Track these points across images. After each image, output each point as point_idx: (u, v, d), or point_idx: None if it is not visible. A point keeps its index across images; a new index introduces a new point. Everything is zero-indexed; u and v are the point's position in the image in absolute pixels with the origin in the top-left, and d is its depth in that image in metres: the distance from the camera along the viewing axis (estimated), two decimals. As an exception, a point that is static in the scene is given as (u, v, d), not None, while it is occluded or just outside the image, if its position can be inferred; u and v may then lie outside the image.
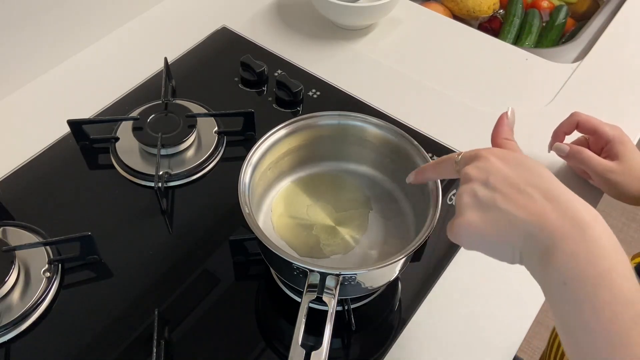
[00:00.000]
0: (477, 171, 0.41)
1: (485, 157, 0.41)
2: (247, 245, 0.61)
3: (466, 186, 0.41)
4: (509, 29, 1.03)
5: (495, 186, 0.39)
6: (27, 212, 0.65)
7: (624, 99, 0.81)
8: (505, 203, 0.38)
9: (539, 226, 0.36)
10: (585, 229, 0.35)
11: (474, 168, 0.41)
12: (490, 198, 0.39)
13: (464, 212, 0.40)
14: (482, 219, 0.39)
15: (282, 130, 0.58)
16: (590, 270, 0.34)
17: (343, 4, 0.83)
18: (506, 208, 0.38)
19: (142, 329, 0.57)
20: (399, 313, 0.59)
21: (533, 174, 0.39)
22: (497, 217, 0.38)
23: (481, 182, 0.40)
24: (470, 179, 0.41)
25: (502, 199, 0.38)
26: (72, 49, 0.84)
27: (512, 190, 0.38)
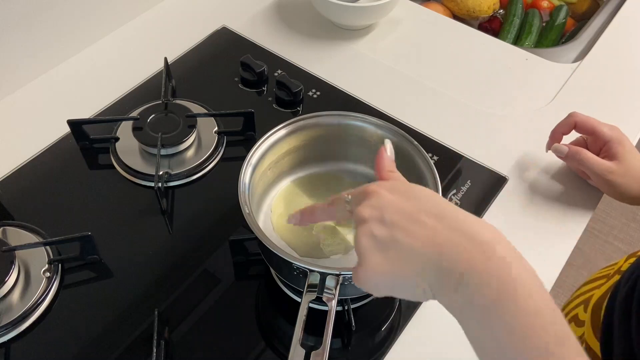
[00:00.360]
0: (370, 210, 0.39)
1: (375, 193, 0.39)
2: (247, 245, 0.61)
3: (362, 228, 0.38)
4: (509, 29, 1.03)
5: (392, 221, 0.37)
6: (27, 212, 0.65)
7: (623, 99, 0.81)
8: (403, 237, 0.36)
9: (438, 253, 0.35)
10: (485, 248, 0.34)
11: (366, 207, 0.39)
12: (389, 235, 0.37)
13: (365, 257, 0.38)
14: (384, 260, 0.37)
15: (282, 130, 0.58)
16: (495, 287, 0.33)
17: (343, 4, 0.83)
18: (405, 242, 0.36)
19: (142, 329, 0.57)
20: (399, 313, 0.59)
21: (424, 201, 0.38)
22: (398, 254, 0.36)
23: (376, 220, 0.38)
24: (365, 219, 0.38)
25: (400, 233, 0.36)
26: (72, 49, 0.84)
27: (407, 223, 0.37)
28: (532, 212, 0.68)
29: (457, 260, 0.34)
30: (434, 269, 0.35)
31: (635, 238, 1.73)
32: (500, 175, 0.71)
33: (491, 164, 0.72)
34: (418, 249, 0.36)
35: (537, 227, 0.67)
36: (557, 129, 0.69)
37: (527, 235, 0.66)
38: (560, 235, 0.66)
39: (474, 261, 0.34)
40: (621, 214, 1.79)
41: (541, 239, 0.65)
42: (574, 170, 0.70)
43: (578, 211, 0.68)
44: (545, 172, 0.72)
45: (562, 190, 0.70)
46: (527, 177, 0.71)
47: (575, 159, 0.65)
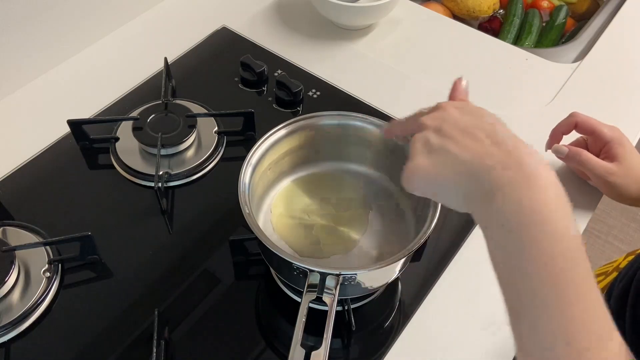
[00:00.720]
0: (432, 120, 0.42)
1: (442, 107, 0.43)
2: (247, 245, 0.61)
3: (420, 134, 0.42)
4: (509, 29, 1.03)
5: (447, 132, 0.40)
6: (27, 212, 0.65)
7: (623, 99, 0.81)
8: (453, 146, 0.39)
9: (484, 168, 0.37)
10: (531, 177, 0.35)
11: (430, 117, 0.43)
12: (440, 143, 0.40)
13: (414, 157, 0.41)
14: (430, 163, 0.40)
15: (282, 130, 0.58)
16: (532, 217, 0.34)
17: (343, 4, 0.83)
18: (453, 151, 0.39)
19: (142, 329, 0.57)
20: (399, 313, 0.59)
21: (485, 121, 0.40)
22: (444, 159, 0.39)
23: (434, 129, 0.41)
24: (425, 127, 0.42)
25: (451, 142, 0.39)
26: (72, 49, 0.84)
27: (461, 134, 0.39)
28: (532, 212, 0.68)
29: (496, 179, 0.36)
30: (472, 179, 0.37)
31: (635, 238, 1.73)
32: (500, 175, 0.71)
33: (491, 164, 0.72)
34: (461, 158, 0.38)
35: (537, 227, 0.66)
36: (558, 128, 0.68)
37: (527, 235, 0.66)
38: (560, 235, 0.66)
39: (514, 185, 0.35)
40: (621, 214, 1.79)
41: (541, 239, 0.65)
42: (574, 171, 0.70)
43: (578, 211, 0.68)
44: (545, 172, 0.72)
45: (562, 190, 0.70)
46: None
47: (575, 160, 0.65)
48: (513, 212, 0.35)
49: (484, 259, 0.63)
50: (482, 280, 0.62)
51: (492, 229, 0.36)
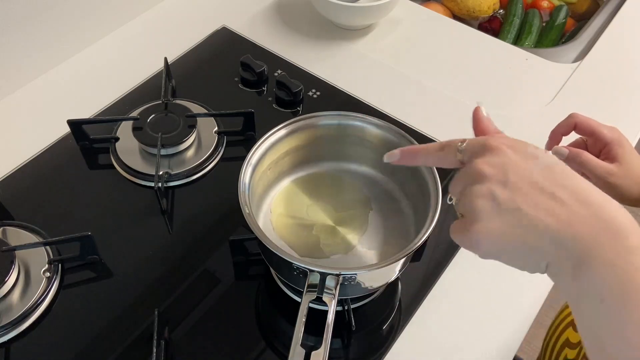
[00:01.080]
0: (492, 168, 0.36)
1: (497, 149, 0.36)
2: (247, 245, 0.61)
3: (481, 186, 0.35)
4: (509, 29, 1.03)
5: (517, 186, 0.34)
6: (27, 212, 0.65)
7: (623, 99, 0.81)
8: (530, 207, 0.33)
9: (571, 234, 0.32)
10: (622, 237, 0.31)
11: (486, 163, 0.36)
12: (512, 201, 0.34)
13: (482, 218, 0.35)
14: (504, 226, 0.34)
15: (282, 130, 0.58)
16: (630, 284, 0.30)
17: (343, 4, 0.83)
18: (532, 213, 0.33)
19: (142, 329, 0.57)
20: (399, 313, 0.59)
21: (556, 172, 0.34)
22: (522, 223, 0.34)
23: (499, 181, 0.35)
24: (485, 176, 0.35)
25: (526, 202, 0.34)
26: (72, 49, 0.85)
27: (536, 192, 0.34)
28: (532, 212, 0.68)
29: (586, 246, 0.32)
30: (559, 248, 0.33)
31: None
32: (500, 175, 0.71)
33: (491, 164, 0.72)
34: (544, 223, 0.33)
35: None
36: (557, 129, 0.68)
37: (527, 235, 0.66)
38: (560, 235, 0.66)
39: (602, 249, 0.31)
40: (621, 214, 1.79)
41: (541, 239, 0.65)
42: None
43: (578, 211, 0.68)
44: (545, 172, 0.72)
45: (562, 190, 0.70)
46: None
47: (575, 161, 0.65)
48: (613, 283, 0.30)
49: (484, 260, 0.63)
50: (482, 280, 0.62)
51: (586, 303, 0.32)
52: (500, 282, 0.62)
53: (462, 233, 0.37)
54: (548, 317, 1.66)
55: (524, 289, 0.61)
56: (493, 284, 0.62)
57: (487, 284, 0.62)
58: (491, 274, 0.62)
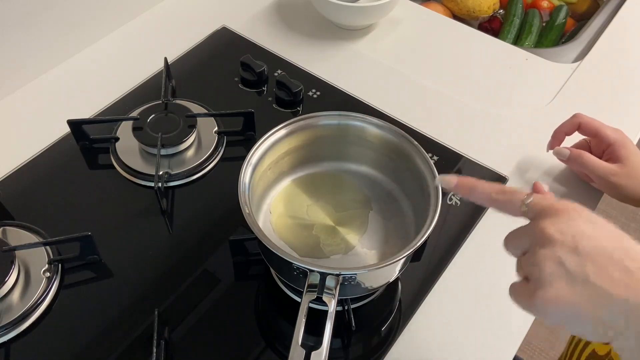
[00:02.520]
0: (561, 233, 0.35)
1: (567, 213, 0.36)
2: (247, 245, 0.61)
3: (549, 251, 0.35)
4: (509, 29, 1.03)
5: (587, 255, 0.34)
6: (27, 212, 0.65)
7: (623, 99, 0.81)
8: (600, 279, 0.33)
9: (633, 302, 0.33)
10: None
11: (556, 228, 0.36)
12: (582, 270, 0.34)
13: (549, 284, 0.35)
14: (573, 295, 0.34)
15: (282, 130, 0.58)
16: None
17: (343, 4, 0.83)
18: (602, 285, 0.33)
19: (142, 329, 0.57)
20: (399, 313, 0.59)
21: (625, 242, 0.35)
22: (591, 292, 0.34)
23: (568, 248, 0.35)
24: (553, 241, 0.35)
25: (596, 273, 0.34)
26: (72, 49, 0.85)
27: (607, 263, 0.34)
28: (532, 212, 0.68)
29: None
30: (630, 319, 0.33)
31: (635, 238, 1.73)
32: (500, 175, 0.71)
33: (491, 164, 0.72)
34: (609, 291, 0.33)
35: (537, 227, 0.66)
36: (560, 129, 0.68)
37: (527, 235, 0.66)
38: (560, 235, 0.66)
39: None
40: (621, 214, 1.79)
41: (541, 239, 0.65)
42: (577, 173, 0.70)
43: (578, 211, 0.68)
44: (545, 172, 0.72)
45: (562, 190, 0.70)
46: (526, 177, 0.71)
47: (577, 162, 0.65)
48: None
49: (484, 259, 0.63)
50: (482, 280, 0.62)
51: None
52: (501, 282, 0.62)
53: (527, 298, 0.37)
54: (548, 317, 1.65)
55: (524, 289, 0.61)
56: (493, 283, 0.62)
57: (487, 283, 0.62)
58: (491, 274, 0.62)
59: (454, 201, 0.68)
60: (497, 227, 0.66)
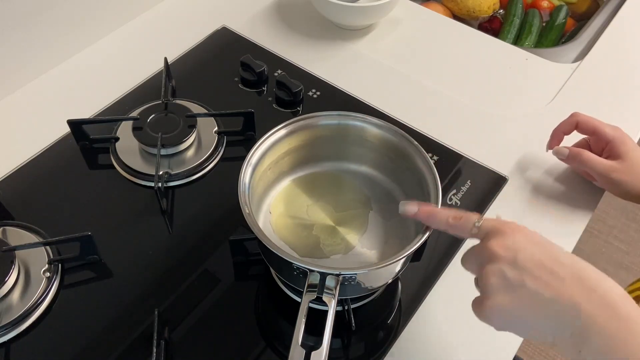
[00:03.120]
0: (504, 250, 0.40)
1: (511, 235, 0.41)
2: (247, 245, 0.61)
3: (493, 266, 0.40)
4: (509, 29, 1.03)
5: (524, 266, 0.39)
6: (27, 212, 0.65)
7: (623, 99, 0.81)
8: (534, 284, 0.38)
9: (570, 308, 0.37)
10: (616, 308, 0.36)
11: (499, 245, 0.41)
12: (519, 279, 0.39)
13: (493, 294, 0.40)
14: (512, 301, 0.39)
15: (282, 130, 0.58)
16: (626, 349, 0.35)
17: (343, 4, 0.83)
18: (536, 289, 0.38)
19: (142, 329, 0.57)
20: (399, 313, 0.59)
21: (559, 255, 0.40)
22: (527, 298, 0.38)
23: (509, 261, 0.40)
24: (497, 257, 0.40)
25: (532, 279, 0.38)
26: (72, 49, 0.85)
27: (540, 271, 0.38)
28: (532, 212, 0.68)
29: (584, 318, 0.36)
30: (560, 321, 0.37)
31: (635, 238, 1.73)
32: (500, 175, 0.71)
33: (491, 164, 0.72)
34: (547, 298, 0.37)
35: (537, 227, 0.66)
36: (559, 128, 0.68)
37: (527, 235, 0.66)
38: (560, 236, 0.66)
39: (602, 320, 0.36)
40: (621, 213, 1.79)
41: (541, 239, 0.65)
42: (578, 172, 0.70)
43: (578, 211, 0.68)
44: (545, 172, 0.72)
45: (562, 190, 0.70)
46: (527, 177, 0.71)
47: (576, 160, 0.65)
48: (609, 349, 0.35)
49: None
50: (482, 280, 0.62)
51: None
52: (500, 282, 0.62)
53: (478, 308, 0.42)
54: (548, 317, 1.64)
55: (524, 289, 0.61)
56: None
57: (487, 284, 0.62)
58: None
59: (454, 201, 0.68)
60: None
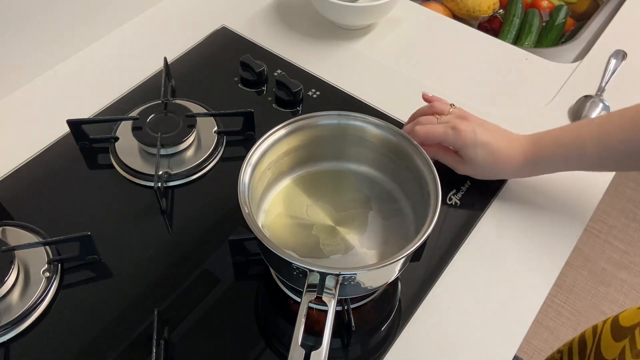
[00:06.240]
0: (467, 125, 0.64)
1: (464, 117, 0.66)
2: (247, 245, 0.61)
3: (468, 131, 0.64)
4: (508, 28, 1.03)
5: (481, 127, 0.65)
6: (27, 212, 0.65)
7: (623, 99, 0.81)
8: (487, 132, 0.65)
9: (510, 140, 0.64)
10: (537, 141, 0.63)
11: (463, 124, 0.65)
12: (483, 131, 0.64)
13: (476, 133, 0.64)
14: (484, 134, 0.64)
15: (281, 130, 0.58)
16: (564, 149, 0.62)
17: (343, 4, 0.83)
18: (496, 130, 0.66)
19: (142, 329, 0.57)
20: (399, 313, 0.59)
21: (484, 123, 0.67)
22: (490, 133, 0.65)
23: (473, 128, 0.64)
24: (467, 128, 0.64)
25: (486, 131, 0.65)
26: (72, 49, 0.84)
27: (484, 126, 0.65)
28: (531, 212, 0.68)
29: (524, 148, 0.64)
30: (509, 144, 0.64)
31: (635, 238, 1.73)
32: (500, 175, 0.71)
33: (491, 163, 0.72)
34: (497, 134, 0.65)
35: (536, 227, 0.67)
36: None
37: (527, 235, 0.66)
38: (560, 235, 0.66)
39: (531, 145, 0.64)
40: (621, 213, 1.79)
41: (541, 238, 0.65)
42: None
43: (578, 211, 0.68)
44: (545, 172, 0.72)
45: (562, 190, 0.70)
46: (527, 177, 0.71)
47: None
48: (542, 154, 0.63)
49: (483, 259, 0.63)
50: (482, 280, 0.62)
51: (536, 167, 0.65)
52: (500, 282, 0.62)
53: (458, 158, 0.67)
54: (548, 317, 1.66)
55: (524, 289, 0.61)
56: (493, 284, 0.62)
57: (487, 283, 0.62)
58: (491, 274, 0.62)
59: (453, 201, 0.68)
60: (497, 228, 0.66)
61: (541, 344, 1.53)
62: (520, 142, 0.64)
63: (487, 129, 0.65)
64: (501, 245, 0.65)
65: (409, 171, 0.57)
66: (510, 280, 0.62)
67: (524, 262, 0.63)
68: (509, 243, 0.65)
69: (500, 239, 0.66)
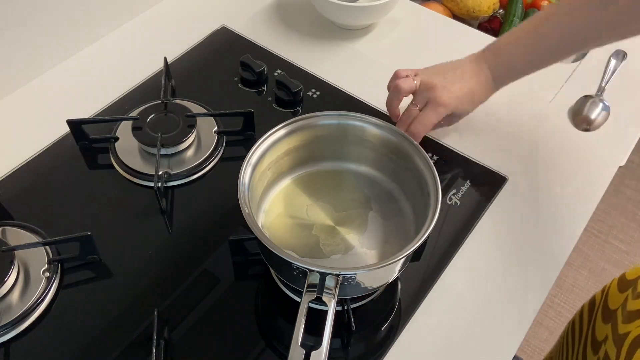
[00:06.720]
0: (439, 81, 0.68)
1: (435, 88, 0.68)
2: (247, 245, 0.61)
3: (439, 88, 0.67)
4: (509, 28, 1.02)
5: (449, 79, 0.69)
6: (27, 212, 0.65)
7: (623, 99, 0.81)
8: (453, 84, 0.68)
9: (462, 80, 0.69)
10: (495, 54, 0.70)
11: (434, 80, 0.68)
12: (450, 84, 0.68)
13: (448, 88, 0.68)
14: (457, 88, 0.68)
15: (281, 130, 0.58)
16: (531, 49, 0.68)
17: (343, 4, 0.83)
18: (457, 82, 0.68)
19: (141, 329, 0.57)
20: (399, 313, 0.59)
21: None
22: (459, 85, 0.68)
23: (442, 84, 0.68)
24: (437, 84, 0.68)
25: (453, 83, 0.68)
26: (72, 49, 0.84)
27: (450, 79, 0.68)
28: (531, 212, 0.68)
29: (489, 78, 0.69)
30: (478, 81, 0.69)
31: (635, 238, 1.73)
32: (500, 175, 0.71)
33: (491, 164, 0.72)
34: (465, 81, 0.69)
35: (536, 227, 0.67)
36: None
37: (527, 235, 0.66)
38: (559, 235, 0.66)
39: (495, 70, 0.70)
40: (621, 213, 1.79)
41: (541, 238, 0.65)
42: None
43: (578, 211, 0.68)
44: (544, 172, 0.72)
45: (562, 190, 0.70)
46: (527, 177, 0.71)
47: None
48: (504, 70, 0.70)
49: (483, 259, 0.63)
50: (481, 280, 0.62)
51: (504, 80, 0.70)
52: (500, 282, 0.62)
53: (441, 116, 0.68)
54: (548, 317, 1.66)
55: (524, 289, 0.61)
56: (493, 284, 0.62)
57: (487, 284, 0.62)
58: (491, 273, 0.62)
59: (453, 201, 0.68)
60: (496, 228, 0.66)
61: (541, 344, 1.52)
62: (480, 66, 0.69)
63: (451, 82, 0.68)
64: (501, 245, 0.65)
65: (409, 171, 0.57)
66: (510, 280, 0.62)
67: (524, 262, 0.63)
68: (508, 243, 0.65)
69: (500, 239, 0.66)
